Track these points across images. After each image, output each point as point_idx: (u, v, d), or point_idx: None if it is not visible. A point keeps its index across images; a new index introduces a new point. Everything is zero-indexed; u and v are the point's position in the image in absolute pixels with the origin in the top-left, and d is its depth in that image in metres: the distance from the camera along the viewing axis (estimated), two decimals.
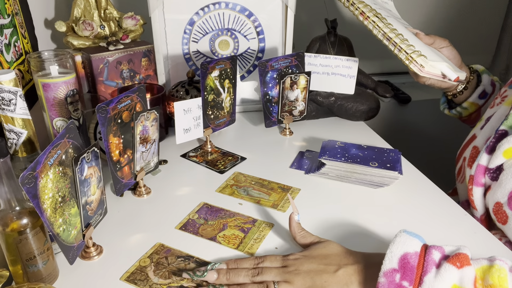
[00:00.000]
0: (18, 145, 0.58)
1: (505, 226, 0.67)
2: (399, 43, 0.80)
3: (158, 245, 0.62)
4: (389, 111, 1.44)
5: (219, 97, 0.88)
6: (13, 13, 0.81)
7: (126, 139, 0.69)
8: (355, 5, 0.84)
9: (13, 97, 0.55)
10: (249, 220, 0.68)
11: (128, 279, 0.56)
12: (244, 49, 1.07)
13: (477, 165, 0.72)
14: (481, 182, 0.72)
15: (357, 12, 0.84)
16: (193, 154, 0.89)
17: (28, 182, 0.46)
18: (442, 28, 1.58)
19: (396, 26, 0.83)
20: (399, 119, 1.48)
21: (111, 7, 1.05)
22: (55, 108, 0.77)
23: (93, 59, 0.95)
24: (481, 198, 0.73)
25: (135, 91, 0.69)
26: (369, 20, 0.83)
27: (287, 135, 0.98)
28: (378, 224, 0.67)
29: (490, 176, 0.71)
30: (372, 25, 0.83)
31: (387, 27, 0.82)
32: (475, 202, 0.73)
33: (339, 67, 1.01)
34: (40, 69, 0.75)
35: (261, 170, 0.83)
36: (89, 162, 0.56)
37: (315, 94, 1.03)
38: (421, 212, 0.71)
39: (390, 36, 0.81)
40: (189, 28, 1.01)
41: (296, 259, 0.56)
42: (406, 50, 0.79)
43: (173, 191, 0.77)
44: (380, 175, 0.75)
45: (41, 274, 0.54)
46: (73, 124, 0.55)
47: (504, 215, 0.66)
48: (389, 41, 0.81)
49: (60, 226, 0.52)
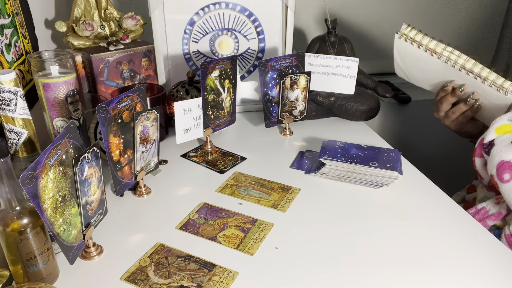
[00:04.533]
0: (19, 145, 0.58)
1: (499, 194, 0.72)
2: (486, 76, 0.80)
3: (158, 245, 0.62)
4: (389, 111, 1.44)
5: (219, 97, 0.88)
6: (13, 13, 0.81)
7: (126, 139, 0.69)
8: (424, 45, 0.84)
9: (13, 97, 0.55)
10: (249, 220, 0.68)
11: (128, 279, 0.56)
12: (244, 49, 1.07)
13: (480, 138, 0.77)
14: (480, 153, 0.76)
15: (426, 50, 0.84)
16: (193, 154, 0.89)
17: (29, 182, 0.46)
18: (442, 28, 1.58)
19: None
20: (399, 119, 1.48)
21: (111, 7, 1.05)
22: (55, 108, 0.77)
23: (93, 59, 0.95)
24: (483, 168, 0.77)
25: (135, 91, 0.69)
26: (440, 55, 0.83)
27: (287, 135, 0.98)
28: (378, 224, 0.67)
29: (484, 151, 0.75)
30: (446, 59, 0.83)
31: (468, 61, 0.81)
32: (479, 171, 0.78)
33: (339, 67, 1.01)
34: (40, 69, 0.75)
35: (261, 170, 0.83)
36: (90, 162, 0.56)
37: (315, 94, 1.03)
38: (421, 212, 0.71)
39: (475, 71, 0.81)
40: (189, 28, 1.01)
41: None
42: (496, 81, 0.79)
43: (173, 191, 0.77)
44: (380, 175, 0.75)
45: (41, 274, 0.54)
46: (73, 124, 0.55)
47: (497, 185, 0.71)
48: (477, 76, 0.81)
49: (60, 226, 0.52)
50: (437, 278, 0.57)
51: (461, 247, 0.63)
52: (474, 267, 0.59)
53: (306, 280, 0.56)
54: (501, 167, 0.69)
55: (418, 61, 0.87)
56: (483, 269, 0.59)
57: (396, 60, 0.94)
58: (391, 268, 0.58)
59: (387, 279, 0.57)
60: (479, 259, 0.60)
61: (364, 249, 0.62)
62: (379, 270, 0.58)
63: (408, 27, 0.85)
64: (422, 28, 0.85)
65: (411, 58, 0.89)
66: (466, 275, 0.57)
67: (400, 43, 0.87)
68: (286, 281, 0.56)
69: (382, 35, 1.54)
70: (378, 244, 0.63)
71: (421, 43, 0.84)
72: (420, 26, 0.83)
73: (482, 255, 0.61)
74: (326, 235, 0.65)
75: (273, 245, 0.63)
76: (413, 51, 0.86)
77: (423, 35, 0.84)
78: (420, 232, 0.66)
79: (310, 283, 0.56)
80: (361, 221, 0.68)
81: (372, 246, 0.63)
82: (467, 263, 0.60)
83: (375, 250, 0.62)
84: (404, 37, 0.85)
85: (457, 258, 0.61)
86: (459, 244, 0.63)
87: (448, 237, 0.65)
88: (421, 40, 0.84)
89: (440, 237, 0.65)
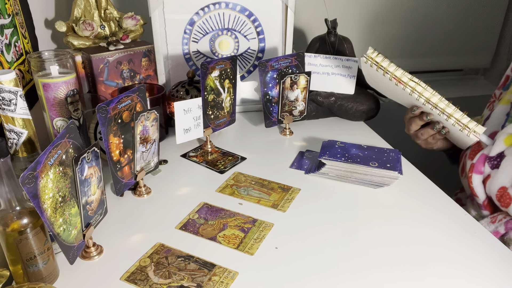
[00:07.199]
0: (19, 145, 0.58)
1: (508, 208, 0.70)
2: (451, 113, 0.77)
3: (158, 245, 0.62)
4: (389, 111, 1.44)
5: (219, 97, 0.88)
6: (13, 13, 0.81)
7: (126, 139, 0.69)
8: (390, 72, 0.81)
9: (13, 97, 0.55)
10: (249, 220, 0.68)
11: (128, 279, 0.56)
12: (244, 49, 1.07)
13: (481, 154, 0.75)
14: (480, 170, 0.75)
15: (390, 76, 0.81)
16: (193, 154, 0.89)
17: (29, 182, 0.46)
18: (442, 28, 1.58)
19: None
20: (399, 119, 1.47)
21: (111, 7, 1.05)
22: (55, 108, 0.77)
23: (93, 59, 0.95)
24: (481, 185, 0.75)
25: (135, 91, 0.69)
26: (405, 85, 0.80)
27: (287, 135, 0.98)
28: (378, 224, 0.67)
29: (491, 165, 0.73)
30: (411, 90, 0.80)
31: (434, 95, 0.78)
32: (475, 189, 0.76)
33: (339, 67, 1.01)
34: (40, 69, 0.75)
35: (261, 170, 0.83)
36: (90, 162, 0.56)
37: (315, 94, 1.03)
38: (421, 212, 0.71)
39: (440, 106, 0.78)
40: (189, 28, 1.01)
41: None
42: (461, 120, 0.77)
43: (173, 191, 0.77)
44: (380, 175, 0.75)
45: (41, 274, 0.54)
46: (73, 124, 0.55)
47: (508, 197, 0.69)
48: (439, 111, 0.78)
49: (60, 226, 0.52)
50: (437, 278, 0.57)
51: (461, 247, 0.63)
52: (473, 267, 0.59)
53: (306, 280, 0.56)
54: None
55: (386, 84, 0.85)
56: (483, 269, 0.59)
57: (365, 76, 0.92)
58: (391, 268, 0.58)
59: (387, 279, 0.57)
60: (479, 259, 0.60)
61: (364, 249, 0.62)
62: (379, 270, 0.58)
63: (374, 51, 0.81)
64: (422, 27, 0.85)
65: (379, 80, 0.86)
66: (466, 275, 0.57)
67: (366, 66, 0.84)
68: (286, 281, 0.56)
69: (382, 35, 1.54)
70: (378, 244, 0.63)
71: (387, 70, 0.81)
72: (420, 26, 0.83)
73: (482, 255, 0.61)
74: (326, 235, 0.65)
75: (273, 245, 0.63)
76: (379, 76, 0.83)
77: (389, 62, 0.81)
78: (420, 232, 0.66)
79: (310, 283, 0.56)
80: (361, 221, 0.68)
81: (372, 246, 0.63)
82: (467, 263, 0.60)
83: (375, 250, 0.62)
84: (370, 62, 0.82)
85: (457, 258, 0.61)
86: (459, 244, 0.63)
87: (448, 237, 0.65)
88: (387, 67, 0.80)
89: (440, 237, 0.65)
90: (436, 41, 1.61)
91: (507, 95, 0.80)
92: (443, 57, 1.66)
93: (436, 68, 1.72)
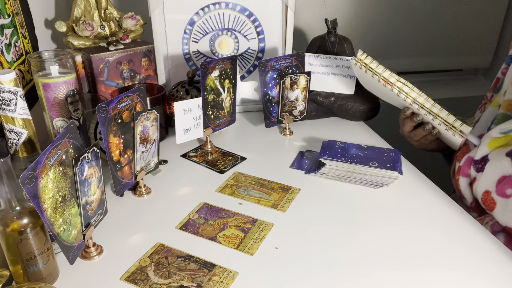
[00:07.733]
0: (19, 145, 0.58)
1: (493, 212, 0.70)
2: (437, 112, 0.78)
3: (158, 245, 0.62)
4: (389, 111, 1.44)
5: (219, 97, 0.88)
6: (13, 13, 0.81)
7: (126, 139, 0.69)
8: (379, 74, 0.83)
9: (13, 97, 0.55)
10: (249, 220, 0.68)
11: (128, 279, 0.56)
12: (244, 49, 1.07)
13: (467, 157, 0.75)
14: (467, 172, 0.75)
15: (378, 78, 0.83)
16: (193, 154, 0.89)
17: (29, 182, 0.46)
18: (442, 28, 1.58)
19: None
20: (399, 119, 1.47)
21: (111, 7, 1.05)
22: (55, 108, 0.77)
23: (93, 59, 0.95)
24: (467, 187, 0.76)
25: (135, 91, 0.69)
26: (393, 86, 0.82)
27: (287, 135, 0.98)
28: (378, 224, 0.67)
29: (476, 168, 0.74)
30: (398, 90, 0.81)
31: (420, 95, 0.80)
32: (462, 191, 0.77)
33: (339, 67, 1.01)
34: (40, 69, 0.75)
35: (261, 170, 0.83)
36: (90, 162, 0.56)
37: (315, 94, 1.03)
38: (421, 212, 0.71)
39: (426, 106, 0.79)
40: (189, 28, 1.01)
41: None
42: (447, 119, 0.78)
43: (173, 191, 0.77)
44: (380, 175, 0.75)
45: (41, 274, 0.54)
46: (73, 124, 0.55)
47: (492, 201, 0.70)
48: (426, 111, 0.79)
49: (60, 226, 0.52)
50: (437, 278, 0.57)
51: (461, 247, 0.63)
52: (474, 267, 0.59)
53: (306, 280, 0.56)
54: (502, 182, 0.68)
55: (376, 86, 0.86)
56: (483, 269, 0.59)
57: (359, 79, 0.94)
58: (391, 268, 0.58)
59: (387, 278, 0.57)
60: (479, 259, 0.60)
61: (364, 249, 0.62)
62: (379, 270, 0.58)
63: (363, 54, 0.84)
64: (422, 27, 0.85)
65: (371, 82, 0.88)
66: (466, 275, 0.57)
67: (356, 68, 0.86)
68: (286, 281, 0.56)
69: (382, 35, 1.54)
70: (378, 244, 0.63)
71: (376, 72, 0.82)
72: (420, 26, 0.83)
73: (482, 255, 0.61)
74: (326, 235, 0.65)
75: (273, 245, 0.63)
76: (369, 78, 0.85)
77: (378, 64, 0.83)
78: (420, 232, 0.66)
79: (310, 283, 0.56)
80: (361, 221, 0.68)
81: (372, 246, 0.63)
82: (467, 263, 0.60)
83: (375, 250, 0.62)
84: (359, 64, 0.84)
85: (457, 258, 0.61)
86: (459, 244, 0.63)
87: (448, 237, 0.65)
88: (375, 69, 0.82)
89: (440, 237, 0.65)
90: (436, 41, 1.61)
91: (497, 97, 0.80)
92: (443, 57, 1.66)
93: (436, 68, 1.72)
